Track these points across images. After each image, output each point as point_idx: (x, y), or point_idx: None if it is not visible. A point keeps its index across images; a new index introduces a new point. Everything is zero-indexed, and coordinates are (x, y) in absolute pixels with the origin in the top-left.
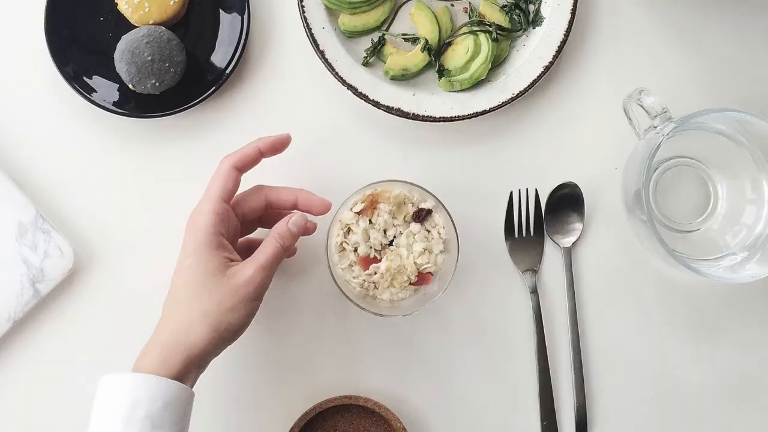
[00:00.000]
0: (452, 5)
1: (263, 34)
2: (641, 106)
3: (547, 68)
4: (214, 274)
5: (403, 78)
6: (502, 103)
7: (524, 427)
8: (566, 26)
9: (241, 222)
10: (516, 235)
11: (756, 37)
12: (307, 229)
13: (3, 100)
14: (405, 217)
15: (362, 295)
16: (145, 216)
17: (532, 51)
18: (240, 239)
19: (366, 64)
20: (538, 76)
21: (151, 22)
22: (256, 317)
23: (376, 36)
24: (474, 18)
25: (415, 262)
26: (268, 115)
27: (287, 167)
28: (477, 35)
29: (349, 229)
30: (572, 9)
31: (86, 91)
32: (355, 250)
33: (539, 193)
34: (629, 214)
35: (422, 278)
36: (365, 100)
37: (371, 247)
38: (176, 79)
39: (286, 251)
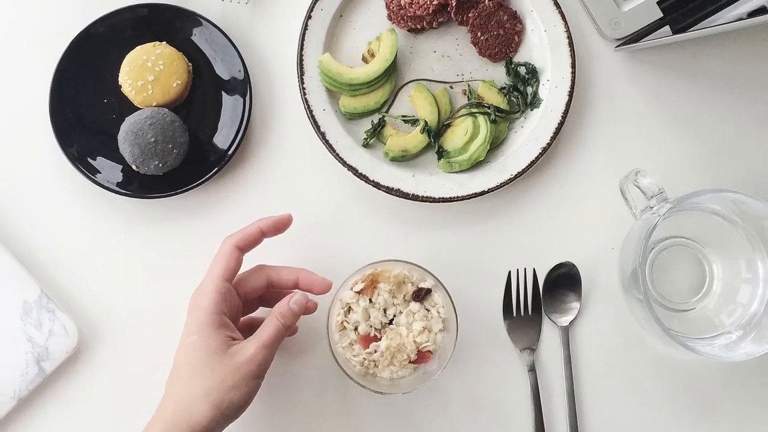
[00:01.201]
0: (451, 87)
1: (265, 115)
2: (638, 187)
3: (544, 149)
4: (216, 353)
5: (403, 159)
6: (501, 183)
7: None
8: (564, 108)
9: (243, 301)
10: (514, 314)
11: (751, 118)
12: (308, 309)
13: (8, 180)
14: (405, 296)
15: (362, 373)
16: (148, 295)
17: (530, 132)
18: (242, 318)
19: (366, 145)
20: (536, 158)
21: (154, 104)
22: (257, 394)
23: (376, 118)
24: (473, 100)
25: (414, 341)
26: (269, 195)
27: (288, 247)
28: (476, 117)
29: (350, 308)
30: (570, 91)
31: (90, 171)
32: (356, 328)
33: (537, 273)
34: (626, 293)
35: (422, 356)
36: (365, 181)
37: (371, 326)
38: (179, 160)
39: (288, 330)
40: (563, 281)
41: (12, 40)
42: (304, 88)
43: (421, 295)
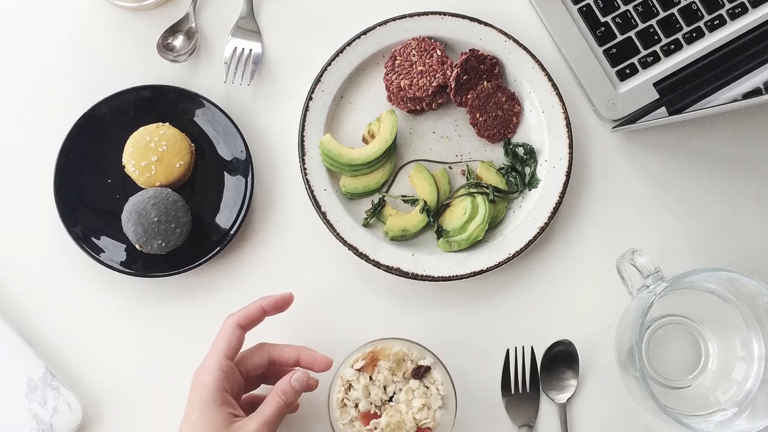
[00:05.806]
0: (450, 168)
1: (266, 195)
2: (634, 266)
3: (542, 229)
4: (218, 430)
5: (403, 238)
6: (499, 263)
7: None
8: (561, 188)
9: (245, 378)
10: (512, 392)
11: (745, 197)
12: (309, 386)
13: (14, 259)
14: (404, 373)
15: None
16: (151, 372)
17: (528, 212)
18: (244, 395)
19: (366, 225)
20: (533, 237)
21: (157, 184)
22: None
23: (376, 197)
24: (471, 180)
25: (414, 418)
26: (271, 274)
27: (290, 325)
28: (474, 197)
29: (350, 386)
30: (567, 171)
31: (94, 251)
32: (356, 405)
33: (535, 350)
34: (622, 370)
35: None
36: (366, 260)
37: (371, 403)
38: (182, 239)
39: (289, 407)
40: (561, 359)
41: (17, 122)
42: (305, 169)
43: (420, 372)
